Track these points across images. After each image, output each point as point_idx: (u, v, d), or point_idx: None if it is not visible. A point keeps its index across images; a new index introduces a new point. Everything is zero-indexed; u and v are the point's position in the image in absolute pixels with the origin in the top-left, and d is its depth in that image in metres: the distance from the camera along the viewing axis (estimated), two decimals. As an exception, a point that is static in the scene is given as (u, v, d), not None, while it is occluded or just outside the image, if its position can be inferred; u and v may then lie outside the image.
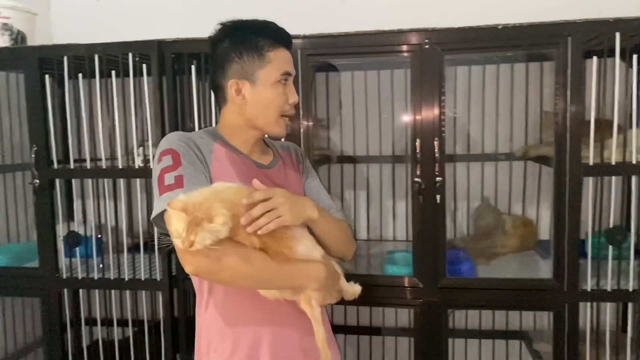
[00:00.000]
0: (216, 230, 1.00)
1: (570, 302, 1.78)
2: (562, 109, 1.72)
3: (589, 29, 1.68)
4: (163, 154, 1.18)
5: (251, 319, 1.23)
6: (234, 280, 1.12)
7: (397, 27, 1.79)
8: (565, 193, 1.74)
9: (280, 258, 1.12)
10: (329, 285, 1.19)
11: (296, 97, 1.31)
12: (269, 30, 1.28)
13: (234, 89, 1.27)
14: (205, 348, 1.26)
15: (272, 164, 1.36)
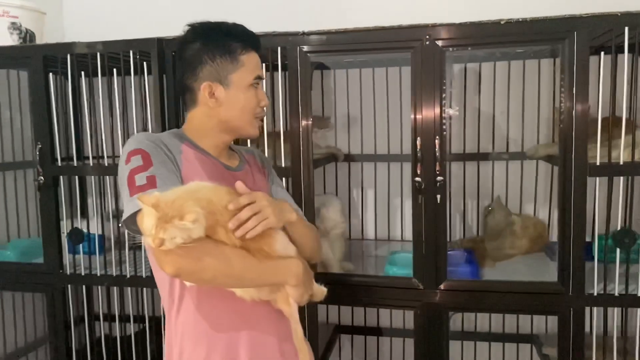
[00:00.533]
0: (187, 228, 0.97)
1: (576, 306, 1.72)
2: (567, 107, 1.66)
3: (595, 24, 1.61)
4: (132, 154, 1.15)
5: (227, 323, 1.21)
6: (216, 279, 1.09)
7: (398, 23, 1.75)
8: (570, 194, 1.68)
9: (261, 255, 1.11)
10: (306, 281, 1.19)
11: (267, 99, 1.33)
12: (240, 33, 1.28)
13: (207, 92, 1.25)
14: (177, 356, 1.22)
15: (240, 167, 1.35)
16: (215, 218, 1.05)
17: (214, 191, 1.08)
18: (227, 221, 1.06)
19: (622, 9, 1.61)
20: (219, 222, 1.05)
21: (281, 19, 1.80)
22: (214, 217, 1.04)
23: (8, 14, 2.14)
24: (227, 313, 1.21)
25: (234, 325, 1.21)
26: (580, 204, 1.67)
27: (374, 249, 2.42)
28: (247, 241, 1.08)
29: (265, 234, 1.11)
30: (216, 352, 1.20)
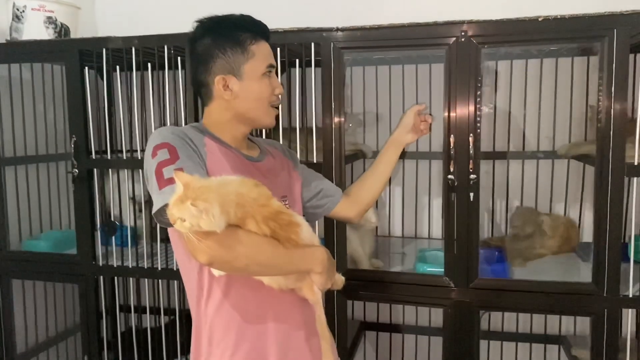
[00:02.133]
0: (194, 215, 0.98)
1: (610, 307, 1.70)
2: (605, 105, 1.64)
3: (636, 22, 1.59)
4: (157, 147, 1.17)
5: (255, 313, 1.24)
6: (248, 267, 1.11)
7: (433, 20, 1.74)
8: (607, 193, 1.66)
9: (290, 243, 1.14)
10: (330, 268, 1.22)
11: (281, 87, 1.34)
12: (249, 24, 1.29)
13: (221, 85, 1.27)
14: (207, 344, 1.24)
15: (261, 157, 1.37)
16: (245, 210, 1.07)
17: (242, 184, 1.10)
18: (256, 212, 1.09)
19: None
20: (249, 213, 1.07)
21: (314, 14, 1.80)
22: (243, 209, 1.06)
23: (44, 8, 2.18)
24: (255, 302, 1.23)
25: (263, 315, 1.24)
26: (617, 204, 1.65)
27: (401, 246, 2.41)
28: (276, 230, 1.11)
29: (292, 223, 1.14)
30: (245, 341, 1.22)
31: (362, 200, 1.59)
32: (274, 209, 1.11)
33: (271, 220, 1.10)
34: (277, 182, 1.35)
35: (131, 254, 2.08)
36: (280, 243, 1.12)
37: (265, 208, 1.10)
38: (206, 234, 1.01)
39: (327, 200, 1.54)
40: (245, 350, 1.22)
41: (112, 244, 2.10)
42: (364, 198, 1.59)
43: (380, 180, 1.60)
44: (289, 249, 1.13)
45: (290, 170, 1.45)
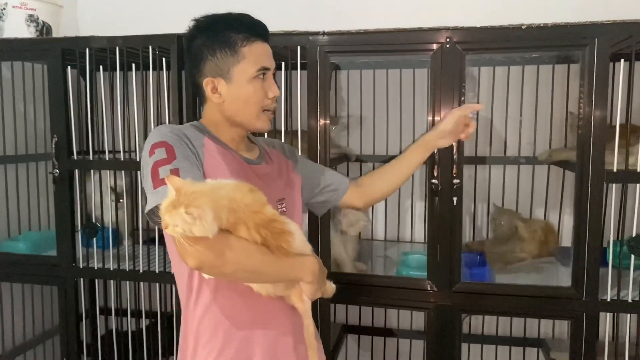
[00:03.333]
0: (187, 221, 0.97)
1: (589, 311, 1.73)
2: (586, 113, 1.67)
3: (617, 31, 1.62)
4: (155, 146, 1.15)
5: (243, 318, 1.23)
6: (236, 273, 1.10)
7: (419, 25, 1.76)
8: (587, 199, 1.69)
9: (280, 252, 1.12)
10: (321, 278, 1.21)
11: (276, 90, 1.29)
12: (242, 24, 1.26)
13: (209, 87, 1.25)
14: (192, 346, 1.23)
15: (259, 160, 1.35)
16: (237, 215, 1.05)
17: (236, 189, 1.09)
18: (249, 218, 1.07)
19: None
20: (241, 219, 1.06)
21: (302, 18, 1.81)
22: (235, 214, 1.05)
23: (26, 6, 2.14)
24: (243, 308, 1.23)
25: (250, 321, 1.23)
26: (596, 210, 1.68)
27: (384, 249, 2.42)
28: (267, 237, 1.10)
29: (284, 231, 1.12)
30: (231, 345, 1.21)
31: (373, 193, 1.58)
32: (266, 216, 1.10)
33: (263, 228, 1.09)
34: (275, 185, 1.34)
35: (112, 256, 2.06)
36: (271, 251, 1.11)
37: (258, 215, 1.09)
38: (197, 239, 1.00)
39: (332, 194, 1.52)
40: (230, 354, 1.21)
41: (93, 245, 2.07)
42: (376, 192, 1.58)
43: (399, 180, 1.57)
44: (279, 257, 1.12)
45: (289, 172, 1.43)
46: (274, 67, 1.30)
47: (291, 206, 1.38)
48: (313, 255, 1.21)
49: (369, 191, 1.57)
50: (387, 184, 1.57)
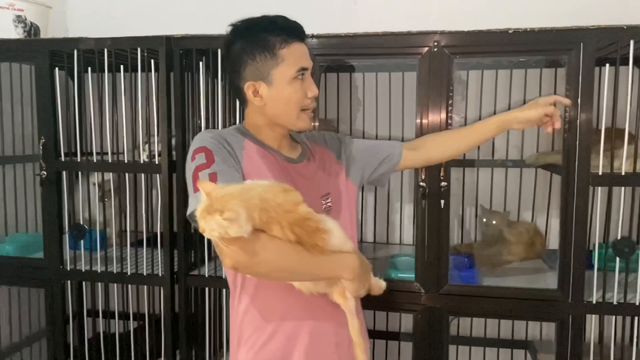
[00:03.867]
0: (224, 225, 1.00)
1: (575, 313, 1.74)
2: (572, 116, 1.69)
3: (602, 36, 1.64)
4: (196, 152, 1.20)
5: (285, 313, 1.26)
6: (271, 273, 1.14)
7: (407, 30, 1.77)
8: (573, 202, 1.71)
9: (316, 250, 1.13)
10: (362, 275, 1.20)
11: (315, 89, 1.31)
12: (279, 27, 1.27)
13: (251, 91, 1.28)
14: (236, 341, 1.29)
15: (301, 157, 1.38)
16: (270, 215, 1.07)
17: (268, 189, 1.11)
18: (282, 218, 1.09)
19: (628, 22, 1.64)
20: (274, 218, 1.08)
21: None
22: (267, 213, 1.07)
23: (14, 7, 2.13)
24: (284, 305, 1.26)
25: (292, 315, 1.26)
26: (582, 213, 1.70)
27: (373, 252, 2.43)
28: (302, 236, 1.11)
29: (319, 229, 1.13)
30: (271, 341, 1.26)
31: (434, 154, 1.56)
32: (300, 215, 1.11)
33: (297, 226, 1.09)
34: (318, 181, 1.36)
35: (100, 258, 2.05)
36: (306, 249, 1.12)
37: (291, 214, 1.10)
38: (232, 240, 1.03)
39: (388, 165, 1.51)
40: (270, 350, 1.25)
41: (81, 247, 2.06)
42: (437, 153, 1.56)
43: (464, 145, 1.54)
44: (315, 255, 1.12)
45: (332, 164, 1.44)
46: (312, 66, 1.32)
47: (337, 200, 1.39)
48: (354, 252, 1.20)
49: (429, 152, 1.55)
50: (451, 147, 1.55)
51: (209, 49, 1.88)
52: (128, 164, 1.99)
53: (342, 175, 1.45)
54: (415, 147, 1.56)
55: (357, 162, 1.48)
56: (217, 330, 2.12)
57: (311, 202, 1.25)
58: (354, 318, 1.20)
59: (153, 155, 1.97)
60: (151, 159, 1.97)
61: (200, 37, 1.88)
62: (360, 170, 1.49)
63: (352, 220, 1.43)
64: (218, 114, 1.95)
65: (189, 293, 2.01)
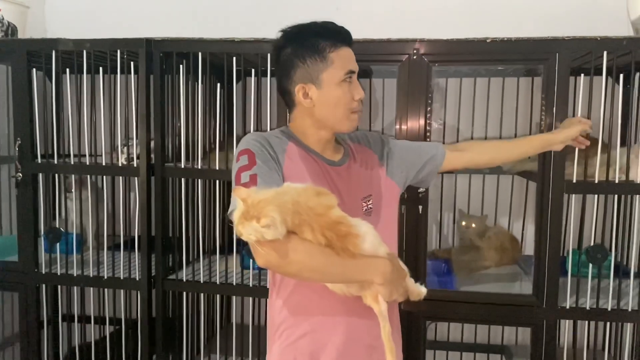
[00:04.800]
0: (260, 230, 1.05)
1: (549, 318, 1.77)
2: (547, 124, 1.72)
3: (576, 47, 1.68)
4: (240, 153, 1.25)
5: (319, 311, 1.30)
6: (300, 273, 1.17)
7: (388, 37, 1.79)
8: (547, 209, 1.74)
9: (346, 254, 1.14)
10: (395, 280, 1.20)
11: (362, 92, 1.34)
12: (329, 31, 1.31)
13: (301, 93, 1.31)
14: (273, 333, 1.34)
15: (343, 160, 1.40)
16: (302, 218, 1.10)
17: (302, 192, 1.13)
18: (313, 221, 1.11)
19: (602, 33, 1.68)
20: (305, 221, 1.11)
21: (276, 28, 1.82)
22: (300, 216, 1.10)
23: (-9, 7, 2.10)
24: (318, 306, 1.30)
25: (326, 313, 1.30)
26: (556, 220, 1.73)
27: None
28: (333, 240, 1.13)
29: (350, 234, 1.14)
30: (304, 339, 1.29)
31: (479, 159, 1.62)
32: (331, 219, 1.13)
33: (328, 230, 1.12)
34: (359, 183, 1.39)
35: (76, 261, 2.02)
36: (336, 252, 1.13)
37: (322, 218, 1.12)
38: (267, 241, 1.08)
39: (432, 166, 1.54)
40: (302, 345, 1.29)
41: (57, 251, 2.04)
42: (482, 159, 1.63)
43: (507, 156, 1.64)
44: (345, 258, 1.14)
45: (374, 165, 1.46)
46: (358, 70, 1.35)
47: (378, 201, 1.42)
48: (388, 257, 1.21)
49: (476, 156, 1.61)
50: (497, 155, 1.63)
51: (189, 52, 1.88)
52: (106, 166, 1.97)
53: (383, 175, 1.47)
54: (460, 149, 1.60)
55: (401, 163, 1.50)
56: (194, 335, 2.11)
57: (352, 204, 1.33)
58: (385, 322, 1.21)
59: (132, 158, 1.96)
60: (129, 161, 1.96)
61: (181, 40, 1.88)
62: (404, 170, 1.52)
63: (393, 221, 1.47)
64: (198, 117, 1.94)
65: (166, 297, 2.00)
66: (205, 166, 1.94)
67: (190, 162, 1.96)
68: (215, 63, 1.93)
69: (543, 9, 2.23)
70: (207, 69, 1.87)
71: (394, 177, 1.48)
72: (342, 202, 1.28)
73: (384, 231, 1.34)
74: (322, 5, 2.40)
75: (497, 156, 1.64)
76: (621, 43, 1.66)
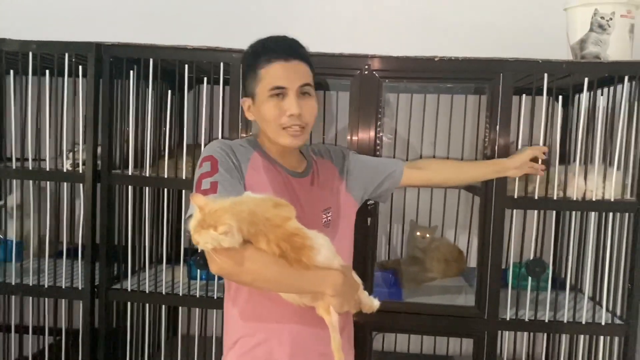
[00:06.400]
0: (217, 238, 1.07)
1: (490, 330, 1.83)
2: (491, 141, 1.79)
3: (519, 68, 1.76)
4: (204, 160, 1.28)
5: (272, 318, 1.32)
6: (255, 282, 1.20)
7: (340, 52, 1.82)
8: (490, 223, 1.80)
9: (300, 265, 1.16)
10: (347, 292, 1.22)
11: (293, 109, 1.31)
12: (264, 48, 1.35)
13: (245, 106, 1.40)
14: (228, 342, 1.36)
15: (306, 172, 1.43)
16: (258, 228, 1.12)
17: (260, 203, 1.16)
18: (269, 232, 1.14)
19: (544, 56, 1.76)
20: (262, 231, 1.13)
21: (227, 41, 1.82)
22: (256, 227, 1.12)
23: None
24: (272, 314, 1.32)
25: (279, 320, 1.32)
26: (498, 234, 1.79)
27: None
28: (287, 251, 1.15)
29: (305, 246, 1.17)
30: (258, 348, 1.32)
31: (436, 178, 1.68)
32: (287, 230, 1.15)
33: (283, 241, 1.14)
34: (320, 195, 1.42)
35: (15, 269, 1.95)
36: (289, 264, 1.15)
37: (279, 229, 1.14)
38: (223, 249, 1.10)
39: (391, 182, 1.59)
40: (257, 355, 1.31)
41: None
42: (439, 178, 1.69)
43: (460, 179, 1.76)
44: (298, 270, 1.16)
45: (335, 179, 1.50)
46: (299, 85, 1.33)
47: (336, 214, 1.45)
48: (341, 269, 1.22)
49: (434, 175, 1.67)
50: (453, 176, 1.71)
51: (140, 58, 1.85)
52: (50, 172, 1.91)
53: (343, 189, 1.51)
54: (419, 167, 1.65)
55: (360, 179, 1.55)
56: (139, 346, 2.06)
57: (312, 216, 1.36)
58: (336, 333, 1.22)
59: (77, 163, 1.91)
60: (75, 167, 1.91)
61: (132, 45, 1.85)
62: (362, 186, 1.55)
63: (350, 234, 1.50)
64: (148, 123, 1.92)
65: (110, 308, 1.95)
66: (154, 174, 1.91)
67: (138, 169, 1.93)
68: (167, 70, 1.91)
69: (493, 30, 2.32)
70: (158, 75, 1.85)
71: (352, 192, 1.53)
72: (303, 213, 1.32)
73: (340, 243, 1.39)
74: (278, 18, 2.41)
75: (453, 177, 1.72)
76: (561, 66, 1.74)
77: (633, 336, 1.79)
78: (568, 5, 1.88)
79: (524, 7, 2.34)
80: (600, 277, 1.88)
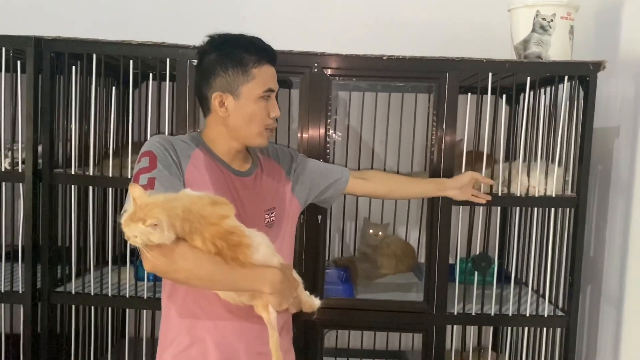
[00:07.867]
0: (145, 232, 1.05)
1: (438, 324, 1.86)
2: (438, 138, 1.82)
3: (465, 67, 1.79)
4: (143, 155, 1.26)
5: (209, 316, 1.31)
6: (189, 281, 1.18)
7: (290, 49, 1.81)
8: (437, 219, 1.83)
9: (236, 263, 1.15)
10: (285, 290, 1.22)
11: (277, 111, 1.37)
12: (255, 47, 1.35)
13: (217, 102, 1.33)
14: (164, 341, 1.34)
15: (250, 171, 1.42)
16: (193, 225, 1.11)
17: (196, 200, 1.14)
18: (205, 229, 1.12)
19: (489, 56, 1.80)
20: (197, 229, 1.11)
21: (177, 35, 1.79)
22: (190, 224, 1.10)
23: None
24: (209, 313, 1.31)
25: (219, 317, 1.31)
26: (445, 230, 1.82)
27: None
28: (223, 249, 1.14)
29: (242, 244, 1.15)
30: (201, 342, 1.31)
31: (379, 190, 1.70)
32: (224, 228, 1.14)
33: (219, 239, 1.13)
34: (264, 195, 1.42)
35: (-50, 273, 1.86)
36: (226, 262, 1.14)
37: (215, 227, 1.13)
38: (154, 246, 1.08)
39: (335, 189, 1.61)
40: (193, 354, 1.31)
41: None
42: (382, 190, 1.71)
43: (403, 194, 1.78)
44: (234, 268, 1.15)
45: (280, 179, 1.49)
46: (277, 89, 1.39)
47: (280, 215, 1.45)
48: (279, 268, 1.22)
49: (378, 187, 1.69)
50: (397, 190, 1.73)
51: (83, 53, 1.79)
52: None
53: (288, 191, 1.51)
54: (364, 177, 1.67)
55: (306, 181, 1.55)
56: (85, 351, 2.00)
57: (254, 215, 1.36)
58: (274, 331, 1.23)
59: (16, 162, 1.84)
60: (14, 166, 1.83)
61: (74, 40, 1.79)
62: (307, 190, 1.56)
63: (292, 235, 1.50)
64: (91, 120, 1.86)
65: (53, 311, 1.88)
66: (98, 173, 1.86)
67: (82, 168, 1.87)
68: (112, 65, 1.86)
69: (443, 29, 2.36)
70: (101, 71, 1.80)
71: (297, 194, 1.53)
72: (244, 212, 1.33)
73: (282, 244, 1.41)
74: (228, 14, 2.38)
75: (396, 191, 1.74)
76: (504, 65, 1.79)
77: (574, 327, 1.86)
78: (512, 6, 1.93)
79: (473, 7, 2.38)
80: (544, 270, 1.94)
